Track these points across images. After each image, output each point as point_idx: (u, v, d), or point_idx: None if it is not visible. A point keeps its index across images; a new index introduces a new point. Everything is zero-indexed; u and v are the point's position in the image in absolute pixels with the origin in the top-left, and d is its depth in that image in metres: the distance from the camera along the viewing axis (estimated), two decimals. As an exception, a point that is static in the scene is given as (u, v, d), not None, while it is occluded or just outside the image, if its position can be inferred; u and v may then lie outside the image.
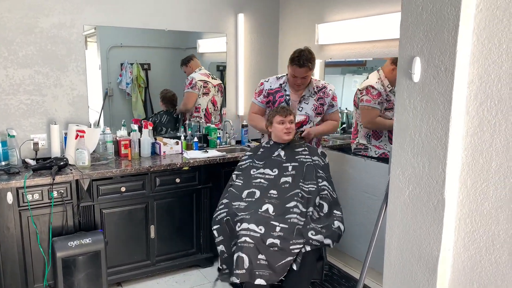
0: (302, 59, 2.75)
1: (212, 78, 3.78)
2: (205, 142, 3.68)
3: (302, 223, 2.34)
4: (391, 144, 3.03)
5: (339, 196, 2.57)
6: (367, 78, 3.07)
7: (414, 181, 1.57)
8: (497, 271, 1.39)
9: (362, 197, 3.15)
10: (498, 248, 1.38)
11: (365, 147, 3.13)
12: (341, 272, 3.22)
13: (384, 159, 3.00)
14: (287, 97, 2.93)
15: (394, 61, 2.90)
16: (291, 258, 2.23)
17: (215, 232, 2.44)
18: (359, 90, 3.05)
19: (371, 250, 2.16)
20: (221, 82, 3.85)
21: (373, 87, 2.95)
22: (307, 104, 2.93)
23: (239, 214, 2.38)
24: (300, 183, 2.52)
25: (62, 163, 2.78)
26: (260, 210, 2.39)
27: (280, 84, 2.97)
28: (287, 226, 2.31)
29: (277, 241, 2.25)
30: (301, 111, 2.92)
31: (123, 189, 2.90)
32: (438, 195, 1.49)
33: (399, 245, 1.66)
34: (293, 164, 2.63)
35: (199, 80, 3.69)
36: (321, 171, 2.62)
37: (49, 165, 2.75)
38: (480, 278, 1.44)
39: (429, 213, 1.53)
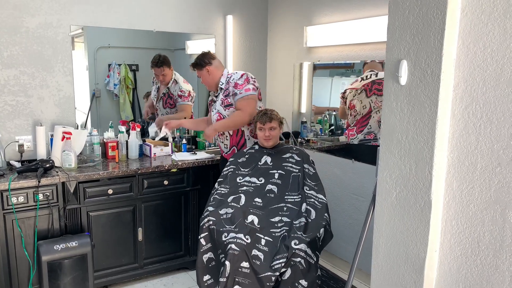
0: (194, 62, 2.94)
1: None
2: (193, 144, 3.67)
3: (286, 233, 2.32)
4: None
5: (327, 197, 2.58)
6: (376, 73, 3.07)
7: (401, 183, 1.58)
8: (482, 273, 1.41)
9: (350, 199, 3.17)
10: (483, 249, 1.40)
11: (375, 138, 3.11)
12: (329, 274, 3.23)
13: (371, 160, 3.02)
14: (209, 99, 3.11)
15: None
16: (271, 273, 2.17)
17: (202, 241, 2.36)
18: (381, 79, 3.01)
19: (359, 251, 2.17)
20: None
21: None
22: (217, 101, 2.95)
23: (227, 226, 2.35)
24: (285, 196, 2.52)
25: (48, 165, 2.74)
26: (246, 221, 2.38)
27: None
28: (271, 239, 2.30)
29: (261, 255, 2.23)
30: (214, 111, 2.96)
31: (110, 191, 2.87)
32: (424, 197, 1.50)
33: (386, 247, 1.67)
34: (279, 171, 2.62)
35: (192, 91, 3.67)
36: (309, 180, 2.60)
37: (35, 167, 2.70)
38: (466, 279, 1.46)
39: (416, 215, 1.54)
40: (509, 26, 1.28)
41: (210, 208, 2.47)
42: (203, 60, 2.91)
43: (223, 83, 2.92)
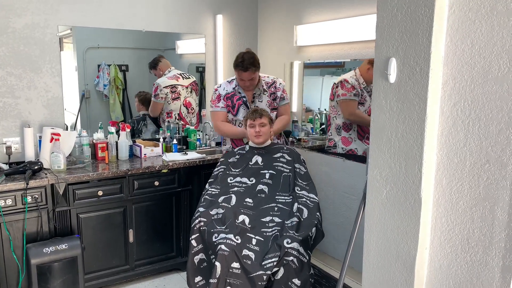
0: (245, 63, 2.85)
1: (184, 78, 3.71)
2: (184, 144, 3.65)
3: (278, 233, 2.31)
4: (360, 140, 3.11)
5: (319, 196, 2.58)
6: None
7: (391, 181, 1.59)
8: (472, 269, 1.41)
9: (341, 197, 3.17)
10: (473, 246, 1.40)
11: (334, 145, 3.18)
12: (321, 272, 3.23)
13: (362, 158, 3.03)
14: (244, 99, 3.02)
15: (371, 61, 2.97)
16: (263, 272, 2.15)
17: (193, 242, 2.35)
18: (335, 83, 3.14)
19: (350, 249, 2.17)
20: (194, 79, 3.77)
21: (346, 81, 3.05)
22: (261, 102, 3.03)
23: (218, 227, 2.34)
24: (276, 196, 2.51)
25: (36, 167, 2.70)
26: (237, 221, 2.37)
27: (233, 88, 3.05)
28: (262, 239, 2.29)
29: (252, 255, 2.21)
30: None
31: (100, 193, 2.84)
32: (414, 195, 1.50)
33: (377, 245, 1.67)
34: (270, 171, 2.62)
35: (165, 87, 3.60)
36: (300, 180, 2.59)
37: (23, 169, 2.67)
38: (456, 276, 1.46)
39: (406, 213, 1.54)
40: (496, 23, 1.28)
41: (201, 209, 2.46)
42: (258, 62, 2.94)
43: (264, 85, 3.03)
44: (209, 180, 2.69)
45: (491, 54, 1.30)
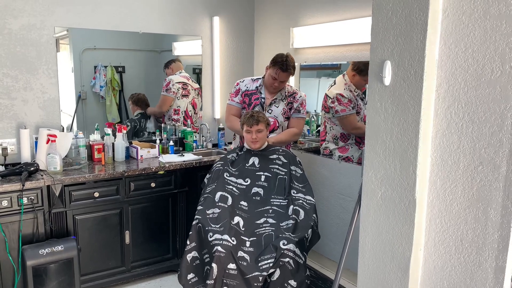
0: (287, 64, 2.83)
1: (192, 81, 3.77)
2: (181, 145, 3.65)
3: (273, 233, 2.33)
4: (357, 146, 3.10)
5: (314, 198, 2.59)
6: (334, 83, 3.10)
7: (386, 183, 1.60)
8: (465, 270, 1.43)
9: (337, 199, 3.18)
10: (466, 247, 1.42)
11: (330, 153, 3.18)
12: (317, 274, 3.24)
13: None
14: (262, 100, 2.99)
15: (354, 68, 2.97)
16: (259, 273, 2.17)
17: (188, 240, 2.37)
18: (329, 97, 3.06)
19: (346, 251, 2.19)
20: (199, 86, 3.83)
21: (342, 96, 2.99)
22: (277, 107, 2.99)
23: (212, 225, 2.36)
24: (271, 199, 2.53)
25: (32, 168, 2.70)
26: (232, 222, 2.39)
27: (256, 87, 3.03)
28: (256, 238, 2.31)
29: (247, 257, 2.23)
30: (270, 113, 2.97)
31: (96, 194, 2.84)
32: (409, 196, 1.52)
33: (372, 246, 1.68)
34: (266, 174, 2.63)
35: (177, 82, 3.65)
36: (296, 183, 2.60)
37: (19, 170, 2.66)
38: (450, 277, 1.47)
39: (401, 214, 1.55)
40: (489, 27, 1.30)
41: (199, 207, 2.49)
42: (294, 69, 2.93)
43: (286, 92, 3.01)
44: (207, 176, 2.72)
45: (484, 57, 1.32)
